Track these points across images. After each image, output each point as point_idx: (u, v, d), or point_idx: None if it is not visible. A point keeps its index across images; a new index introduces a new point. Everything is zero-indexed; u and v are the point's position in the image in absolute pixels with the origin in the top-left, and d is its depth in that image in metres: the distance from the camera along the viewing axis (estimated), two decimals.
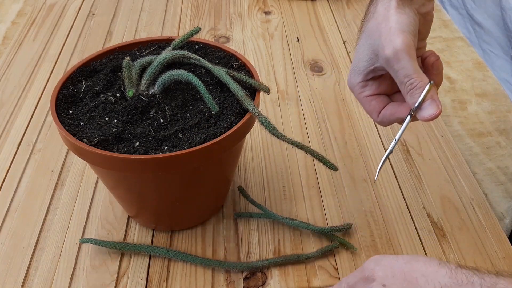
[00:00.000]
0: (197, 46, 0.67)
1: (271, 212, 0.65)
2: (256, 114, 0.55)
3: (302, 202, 0.68)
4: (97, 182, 0.70)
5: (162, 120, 0.56)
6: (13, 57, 0.96)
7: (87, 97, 0.59)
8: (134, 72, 0.59)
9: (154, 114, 0.56)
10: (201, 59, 0.61)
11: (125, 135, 0.54)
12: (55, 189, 0.70)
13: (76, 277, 0.59)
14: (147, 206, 0.62)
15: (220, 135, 0.54)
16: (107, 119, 0.56)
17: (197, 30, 0.64)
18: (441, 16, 1.07)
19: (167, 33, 1.03)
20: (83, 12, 1.10)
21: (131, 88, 0.58)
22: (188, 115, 0.57)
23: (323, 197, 0.68)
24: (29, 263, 0.61)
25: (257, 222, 0.65)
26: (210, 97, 0.57)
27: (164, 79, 0.58)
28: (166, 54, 0.60)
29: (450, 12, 1.58)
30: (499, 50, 1.38)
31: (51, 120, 0.79)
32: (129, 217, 0.66)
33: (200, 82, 0.57)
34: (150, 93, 0.58)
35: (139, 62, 0.60)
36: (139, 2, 1.14)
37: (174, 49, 0.63)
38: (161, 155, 0.52)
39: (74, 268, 0.60)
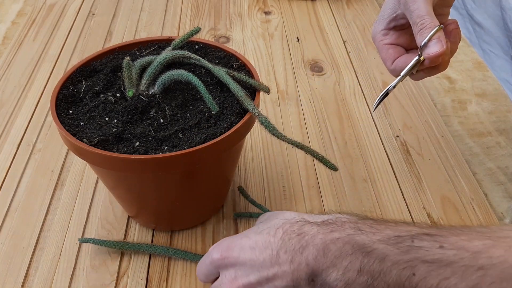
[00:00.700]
0: (197, 46, 0.67)
1: (271, 212, 0.65)
2: (256, 114, 0.55)
3: (302, 202, 0.68)
4: (97, 182, 0.70)
5: (162, 120, 0.56)
6: (13, 57, 0.96)
7: (87, 97, 0.59)
8: (134, 72, 0.59)
9: (154, 114, 0.56)
10: (201, 59, 0.61)
11: (125, 135, 0.54)
12: (55, 189, 0.70)
13: (76, 277, 0.59)
14: (147, 206, 0.62)
15: (220, 135, 0.54)
16: (107, 119, 0.56)
17: (197, 30, 0.64)
18: None
19: (167, 33, 1.03)
20: (83, 12, 1.10)
21: (131, 88, 0.58)
22: (188, 115, 0.57)
23: (323, 197, 0.68)
24: (29, 263, 0.61)
25: None
26: (210, 97, 0.57)
27: (164, 79, 0.58)
28: (166, 54, 0.60)
29: (450, 12, 1.57)
30: (499, 50, 1.38)
31: (51, 120, 0.79)
32: (129, 217, 0.66)
33: (200, 82, 0.57)
34: (150, 93, 0.58)
35: (139, 62, 0.60)
36: (139, 2, 1.14)
37: (174, 49, 0.63)
38: (161, 155, 0.52)
39: (74, 268, 0.60)
